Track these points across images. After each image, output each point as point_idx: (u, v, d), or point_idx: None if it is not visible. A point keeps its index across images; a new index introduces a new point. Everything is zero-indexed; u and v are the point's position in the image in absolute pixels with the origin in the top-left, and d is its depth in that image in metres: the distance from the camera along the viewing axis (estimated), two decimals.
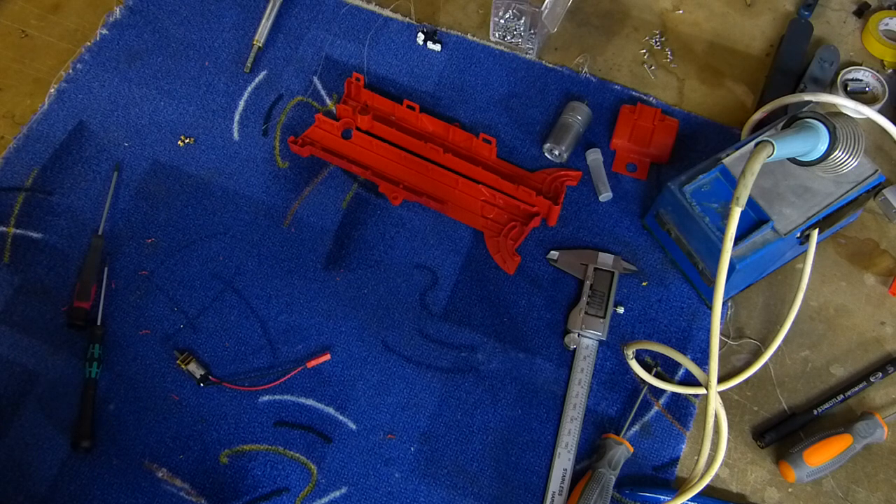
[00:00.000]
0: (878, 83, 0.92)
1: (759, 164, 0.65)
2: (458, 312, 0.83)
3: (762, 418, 0.79)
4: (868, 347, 0.82)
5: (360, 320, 0.83)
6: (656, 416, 0.79)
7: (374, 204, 0.88)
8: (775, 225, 0.75)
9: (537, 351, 0.82)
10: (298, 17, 0.98)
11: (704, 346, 0.81)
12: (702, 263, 0.80)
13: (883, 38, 0.94)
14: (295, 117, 0.93)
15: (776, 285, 0.85)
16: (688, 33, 0.98)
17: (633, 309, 0.83)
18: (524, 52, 0.96)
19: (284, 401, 0.80)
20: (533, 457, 0.78)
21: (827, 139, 0.71)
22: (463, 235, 0.87)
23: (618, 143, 0.90)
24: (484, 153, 0.90)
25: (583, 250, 0.85)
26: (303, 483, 0.77)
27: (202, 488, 0.76)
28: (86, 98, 0.94)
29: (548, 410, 0.80)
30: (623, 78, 0.95)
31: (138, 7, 0.99)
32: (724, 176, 0.77)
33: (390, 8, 0.99)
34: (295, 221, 0.88)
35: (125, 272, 0.85)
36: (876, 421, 0.76)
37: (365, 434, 0.79)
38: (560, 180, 0.88)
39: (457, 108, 0.93)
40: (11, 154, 0.90)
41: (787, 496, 0.76)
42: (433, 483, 0.77)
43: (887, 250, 0.86)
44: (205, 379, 0.79)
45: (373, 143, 0.90)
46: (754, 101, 0.93)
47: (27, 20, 1.00)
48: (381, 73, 0.95)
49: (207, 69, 0.95)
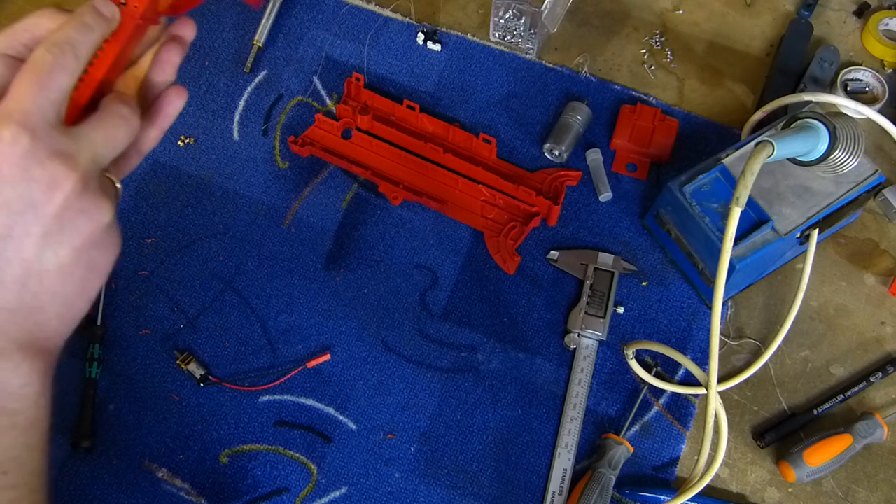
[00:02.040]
0: (878, 83, 0.92)
1: (759, 164, 0.65)
2: (458, 312, 0.83)
3: (762, 418, 0.79)
4: (868, 347, 0.82)
5: (360, 320, 0.83)
6: (656, 416, 0.79)
7: (374, 204, 0.88)
8: (775, 225, 0.75)
9: (537, 351, 0.82)
10: (298, 17, 0.98)
11: (704, 346, 0.81)
12: (702, 263, 0.80)
13: (883, 38, 0.94)
14: (295, 117, 0.93)
15: (776, 285, 0.85)
16: (688, 33, 0.98)
17: (633, 309, 0.83)
18: (524, 52, 0.96)
19: (284, 401, 0.80)
20: (533, 457, 0.78)
21: (827, 139, 0.71)
22: (463, 235, 0.87)
23: (618, 143, 0.90)
24: (484, 153, 0.90)
25: (583, 250, 0.85)
26: (303, 483, 0.77)
27: (202, 488, 0.76)
28: None
29: (548, 410, 0.80)
30: (623, 78, 0.95)
31: None
32: (724, 176, 0.77)
33: (390, 8, 0.99)
34: (295, 221, 0.88)
35: (125, 272, 0.85)
36: (876, 421, 0.76)
37: (365, 434, 0.79)
38: (560, 180, 0.88)
39: (457, 108, 0.93)
40: None
41: (787, 496, 0.76)
42: (433, 483, 0.77)
43: (887, 250, 0.86)
44: (205, 379, 0.79)
45: (373, 143, 0.90)
46: (754, 101, 0.93)
47: None
48: (381, 73, 0.95)
49: (207, 69, 0.95)
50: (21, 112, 0.40)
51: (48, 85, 0.41)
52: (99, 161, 0.44)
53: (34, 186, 0.40)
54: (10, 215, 0.40)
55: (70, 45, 0.42)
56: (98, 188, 0.43)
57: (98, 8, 0.44)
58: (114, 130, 0.44)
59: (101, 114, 0.44)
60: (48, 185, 0.40)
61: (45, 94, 0.41)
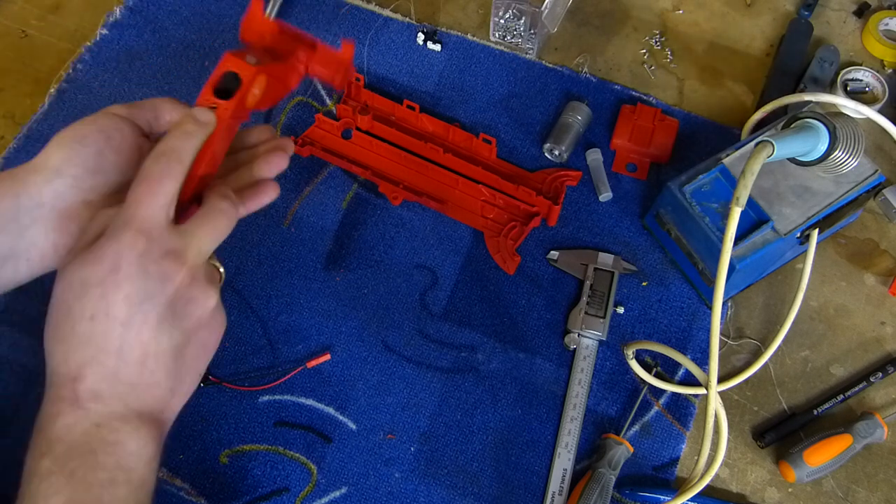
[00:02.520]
0: (878, 83, 0.92)
1: (759, 164, 0.65)
2: (458, 312, 0.83)
3: (762, 418, 0.79)
4: (868, 347, 0.82)
5: (360, 320, 0.83)
6: (656, 416, 0.79)
7: (374, 204, 0.88)
8: (775, 225, 0.75)
9: (537, 351, 0.82)
10: (298, 17, 0.98)
11: (704, 346, 0.81)
12: (702, 263, 0.80)
13: (883, 38, 0.94)
14: (295, 117, 0.93)
15: (776, 285, 0.85)
16: (688, 33, 0.98)
17: (633, 309, 0.83)
18: (524, 52, 0.96)
19: (284, 401, 0.80)
20: (533, 457, 0.78)
21: (827, 139, 0.71)
22: (463, 235, 0.87)
23: (618, 143, 0.90)
24: (484, 153, 0.90)
25: (583, 250, 0.85)
26: (303, 483, 0.77)
27: (202, 488, 0.76)
28: (86, 98, 0.94)
29: (548, 410, 0.80)
30: (623, 78, 0.95)
31: (138, 7, 0.99)
32: (724, 176, 0.77)
33: (390, 8, 0.99)
34: (295, 221, 0.88)
35: None
36: (876, 421, 0.76)
37: (365, 434, 0.79)
38: (560, 180, 0.88)
39: (457, 108, 0.93)
40: (11, 154, 0.90)
41: (787, 496, 0.76)
42: (433, 483, 0.77)
43: (887, 250, 0.86)
44: (205, 379, 0.79)
45: (373, 143, 0.90)
46: (754, 101, 0.93)
47: (27, 20, 1.00)
48: (381, 73, 0.95)
49: (207, 69, 0.95)
50: (138, 218, 0.48)
51: (158, 191, 0.49)
52: (204, 254, 0.51)
53: (150, 281, 0.47)
54: (130, 306, 0.47)
55: (175, 153, 0.50)
56: (203, 277, 0.51)
57: (196, 116, 0.53)
58: (216, 225, 0.52)
59: (205, 210, 0.52)
60: (161, 279, 0.48)
61: (157, 201, 0.48)
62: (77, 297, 0.47)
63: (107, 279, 0.46)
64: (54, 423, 0.47)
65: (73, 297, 0.47)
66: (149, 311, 0.47)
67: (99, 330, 0.47)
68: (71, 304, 0.47)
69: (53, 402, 0.47)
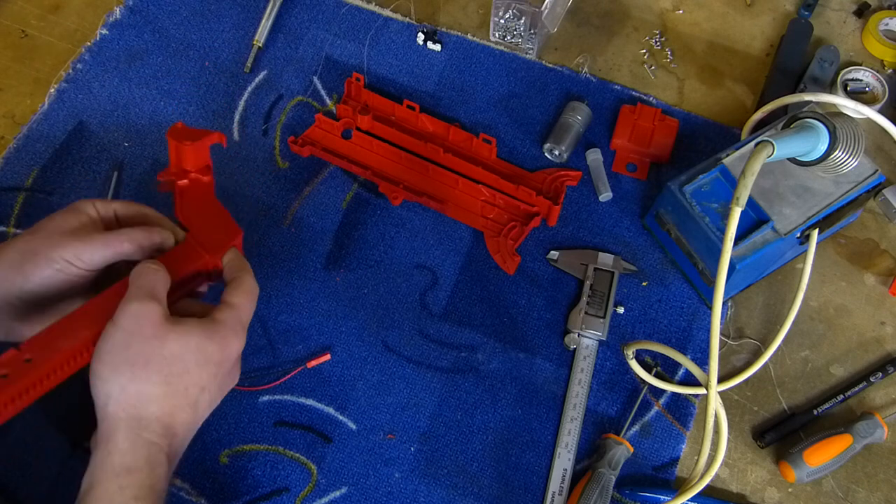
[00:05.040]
0: (878, 83, 0.92)
1: (759, 164, 0.65)
2: (458, 312, 0.83)
3: (762, 418, 0.79)
4: (868, 347, 0.82)
5: (360, 320, 0.83)
6: (656, 416, 0.79)
7: (374, 204, 0.88)
8: (775, 225, 0.75)
9: (537, 351, 0.82)
10: (298, 17, 0.98)
11: (704, 346, 0.81)
12: (702, 263, 0.80)
13: (883, 38, 0.94)
14: (295, 117, 0.93)
15: (776, 285, 0.85)
16: (688, 33, 0.98)
17: (633, 309, 0.83)
18: (524, 52, 0.96)
19: (284, 401, 0.80)
20: (533, 457, 0.78)
21: (827, 139, 0.71)
22: (463, 235, 0.87)
23: (618, 143, 0.90)
24: (484, 153, 0.90)
25: (583, 250, 0.85)
26: (303, 483, 0.77)
27: (202, 488, 0.76)
28: (86, 98, 0.94)
29: (548, 410, 0.80)
30: (623, 78, 0.95)
31: (138, 7, 0.99)
32: (724, 176, 0.77)
33: (390, 8, 0.99)
34: (295, 221, 0.88)
35: None
36: (876, 421, 0.76)
37: (365, 434, 0.79)
38: (560, 180, 0.88)
39: (457, 108, 0.93)
40: (11, 154, 0.90)
41: (787, 496, 0.76)
42: (433, 483, 0.77)
43: (887, 250, 0.86)
44: None
45: (373, 143, 0.90)
46: (754, 101, 0.93)
47: (27, 20, 1.00)
48: (381, 73, 0.95)
49: (207, 69, 0.95)
50: (242, 317, 0.60)
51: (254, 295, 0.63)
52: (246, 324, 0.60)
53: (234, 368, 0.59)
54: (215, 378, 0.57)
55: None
56: None
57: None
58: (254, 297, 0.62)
59: (246, 287, 0.62)
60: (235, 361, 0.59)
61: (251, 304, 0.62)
62: (197, 364, 0.54)
63: (223, 363, 0.55)
64: (154, 470, 0.53)
65: (193, 361, 0.54)
66: (217, 376, 0.56)
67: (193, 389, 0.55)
68: (187, 363, 0.54)
69: (146, 446, 0.53)
